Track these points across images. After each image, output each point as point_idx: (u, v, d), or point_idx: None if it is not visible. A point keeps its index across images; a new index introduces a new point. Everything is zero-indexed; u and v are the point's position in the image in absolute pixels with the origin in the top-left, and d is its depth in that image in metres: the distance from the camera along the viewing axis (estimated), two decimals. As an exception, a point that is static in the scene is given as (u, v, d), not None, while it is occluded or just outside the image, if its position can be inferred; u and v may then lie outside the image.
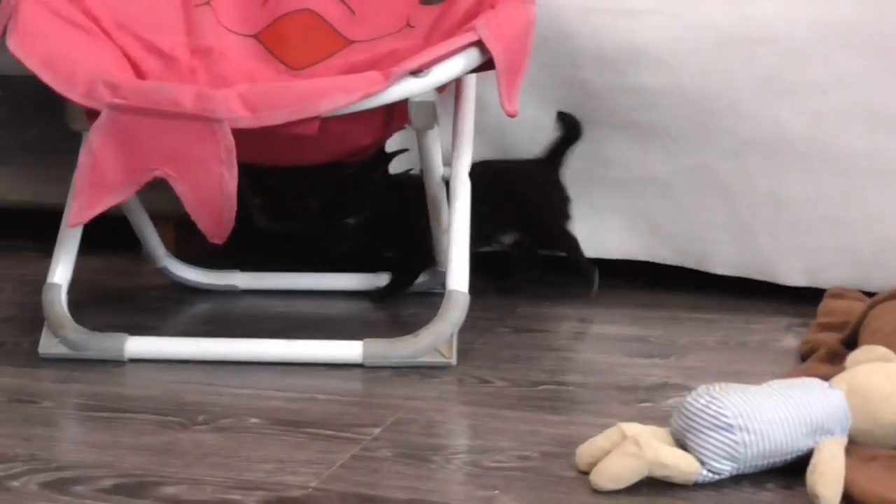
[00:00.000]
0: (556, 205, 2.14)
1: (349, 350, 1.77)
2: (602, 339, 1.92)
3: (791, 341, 1.85)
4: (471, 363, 1.77)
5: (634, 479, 1.27)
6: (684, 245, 2.13)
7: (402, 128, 1.94)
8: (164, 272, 2.19)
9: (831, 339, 1.71)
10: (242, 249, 2.21)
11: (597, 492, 1.28)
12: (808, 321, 1.89)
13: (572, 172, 2.16)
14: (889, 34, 1.97)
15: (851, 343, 1.65)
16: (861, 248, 2.00)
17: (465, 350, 1.80)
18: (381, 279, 2.19)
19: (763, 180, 2.05)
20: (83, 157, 1.72)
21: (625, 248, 2.18)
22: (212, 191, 1.68)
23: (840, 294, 1.95)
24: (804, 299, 2.00)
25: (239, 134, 1.69)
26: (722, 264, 2.11)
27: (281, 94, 1.73)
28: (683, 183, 2.10)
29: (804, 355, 1.75)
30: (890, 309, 1.63)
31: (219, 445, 1.44)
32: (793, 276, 2.06)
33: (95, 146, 1.72)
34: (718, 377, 1.53)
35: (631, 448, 1.27)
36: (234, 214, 1.68)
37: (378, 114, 1.81)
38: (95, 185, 1.72)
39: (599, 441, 1.33)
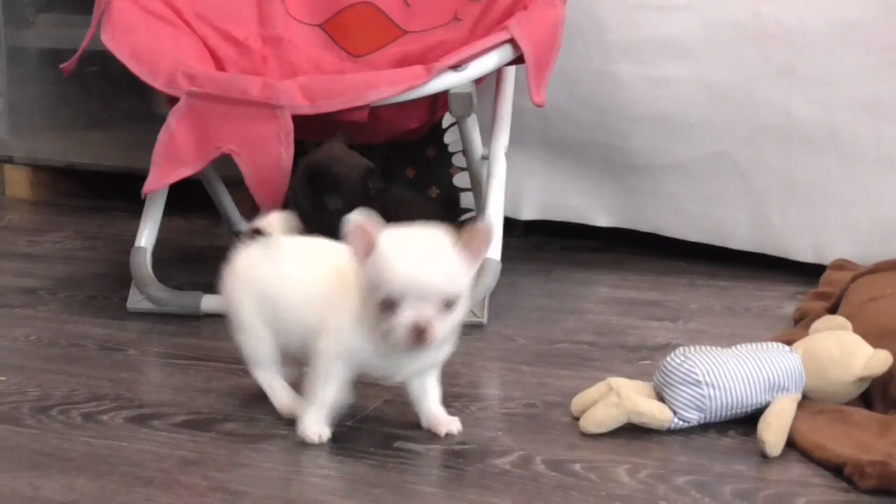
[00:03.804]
0: None
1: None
2: (622, 303, 2.15)
3: (790, 309, 2.06)
4: (501, 322, 2.01)
5: (615, 424, 1.51)
6: (704, 223, 2.35)
7: (444, 113, 2.18)
8: (239, 235, 2.45)
9: (819, 307, 1.92)
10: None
11: (585, 434, 1.52)
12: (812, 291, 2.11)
13: (602, 161, 2.39)
14: (892, 31, 2.16)
15: (836, 311, 1.85)
16: (863, 227, 2.21)
17: (499, 310, 2.05)
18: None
19: (776, 164, 2.27)
20: (162, 135, 1.99)
21: (651, 223, 2.41)
22: (270, 167, 1.93)
23: (842, 266, 2.15)
24: (813, 273, 2.21)
25: (299, 119, 1.94)
26: (738, 240, 2.33)
27: (335, 85, 1.98)
28: (703, 167, 2.32)
29: (796, 321, 1.96)
30: (867, 282, 1.84)
31: (274, 389, 1.70)
32: (802, 251, 2.27)
33: (173, 126, 1.98)
34: (717, 339, 1.76)
35: (613, 399, 1.51)
36: (286, 189, 1.93)
37: (423, 102, 2.06)
38: (171, 160, 1.99)
39: (591, 392, 1.56)
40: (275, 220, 1.60)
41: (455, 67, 1.97)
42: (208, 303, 2.05)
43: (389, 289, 1.37)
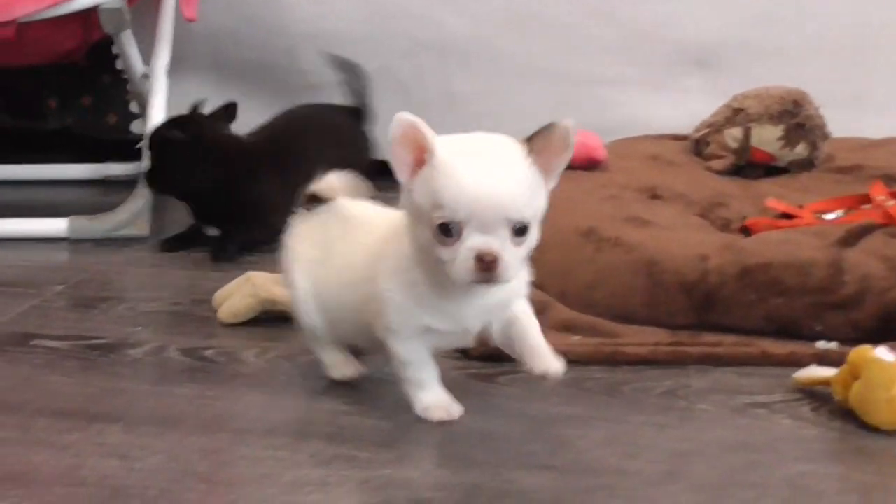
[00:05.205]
0: None
1: (57, 225, 2.03)
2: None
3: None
4: (166, 235, 2.03)
5: (252, 314, 1.56)
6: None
7: (103, 33, 2.19)
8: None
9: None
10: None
11: (223, 325, 1.57)
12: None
13: (275, 81, 2.43)
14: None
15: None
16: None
17: (168, 224, 2.08)
18: (110, 168, 2.46)
19: (434, 78, 2.37)
20: None
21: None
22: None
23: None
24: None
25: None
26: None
27: (-22, 1, 1.96)
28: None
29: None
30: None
31: None
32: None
33: None
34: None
35: (249, 289, 1.57)
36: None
37: (75, 20, 2.06)
38: None
39: (231, 286, 1.61)
40: (334, 183, 1.35)
41: (104, -16, 1.99)
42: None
43: (451, 211, 1.10)
